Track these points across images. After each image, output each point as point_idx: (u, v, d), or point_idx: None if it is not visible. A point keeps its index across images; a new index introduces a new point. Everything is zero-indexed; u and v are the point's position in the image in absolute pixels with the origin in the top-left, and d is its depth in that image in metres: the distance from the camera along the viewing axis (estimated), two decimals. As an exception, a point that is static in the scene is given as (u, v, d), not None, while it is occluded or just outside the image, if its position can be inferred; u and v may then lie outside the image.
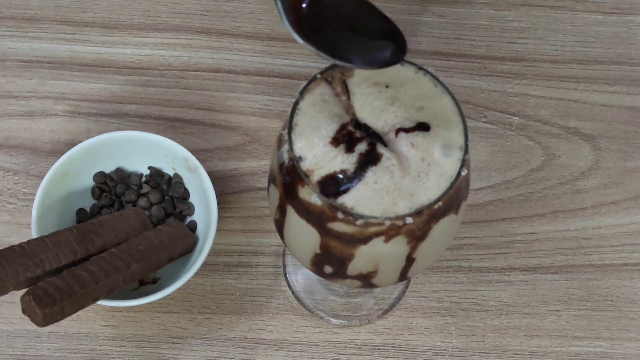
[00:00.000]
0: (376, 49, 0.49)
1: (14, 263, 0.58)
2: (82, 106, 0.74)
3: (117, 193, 0.68)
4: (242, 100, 0.74)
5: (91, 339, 0.67)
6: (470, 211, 0.71)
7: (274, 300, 0.68)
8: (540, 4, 0.79)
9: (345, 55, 0.48)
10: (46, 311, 0.57)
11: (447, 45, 0.77)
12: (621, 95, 0.75)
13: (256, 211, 0.71)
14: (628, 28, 0.78)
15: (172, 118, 0.74)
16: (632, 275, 0.69)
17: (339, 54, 0.48)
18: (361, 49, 0.49)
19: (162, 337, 0.67)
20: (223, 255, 0.69)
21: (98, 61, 0.75)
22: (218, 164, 0.72)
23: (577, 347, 0.67)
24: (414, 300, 0.68)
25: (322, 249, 0.52)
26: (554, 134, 0.74)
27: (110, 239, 0.63)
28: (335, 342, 0.67)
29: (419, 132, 0.50)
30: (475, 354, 0.67)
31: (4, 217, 0.70)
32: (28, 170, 0.72)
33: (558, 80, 0.76)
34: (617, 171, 0.73)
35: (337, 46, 0.48)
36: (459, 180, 0.49)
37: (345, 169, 0.49)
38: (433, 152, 0.50)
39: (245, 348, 0.67)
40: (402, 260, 0.52)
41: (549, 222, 0.71)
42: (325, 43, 0.48)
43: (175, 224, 0.66)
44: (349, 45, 0.49)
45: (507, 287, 0.69)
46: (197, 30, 0.77)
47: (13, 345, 0.66)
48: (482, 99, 0.75)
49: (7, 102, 0.74)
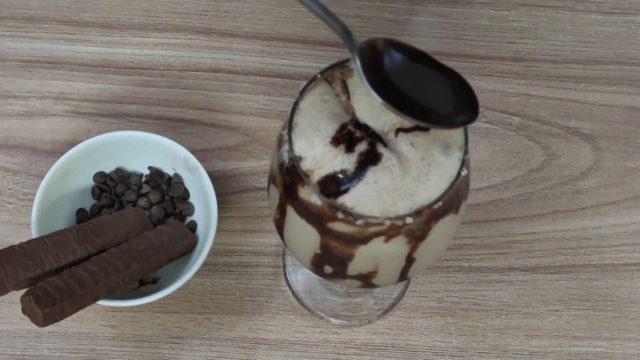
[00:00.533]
0: (450, 107, 0.49)
1: (14, 263, 0.58)
2: (82, 106, 0.74)
3: (117, 193, 0.68)
4: (242, 100, 0.74)
5: (91, 339, 0.67)
6: (470, 211, 0.71)
7: (274, 300, 0.68)
8: (540, 4, 0.79)
9: (424, 116, 0.48)
10: (46, 311, 0.57)
11: (447, 45, 0.77)
12: (621, 95, 0.75)
13: (256, 211, 0.71)
14: (628, 28, 0.78)
15: (172, 118, 0.74)
16: (632, 275, 0.69)
17: (418, 114, 0.48)
18: (436, 107, 0.49)
19: (162, 337, 0.67)
20: (223, 255, 0.69)
21: (98, 61, 0.75)
22: (218, 164, 0.72)
23: (577, 347, 0.67)
24: (414, 300, 0.68)
25: (322, 249, 0.52)
26: (554, 134, 0.74)
27: (110, 239, 0.63)
28: (335, 342, 0.67)
29: (418, 131, 0.50)
30: (475, 354, 0.67)
31: (4, 217, 0.70)
32: (28, 170, 0.72)
33: (558, 80, 0.76)
34: (617, 171, 0.73)
35: (414, 105, 0.48)
36: (459, 180, 0.49)
37: (345, 168, 0.49)
38: (433, 152, 0.50)
39: (245, 348, 0.67)
40: (402, 260, 0.52)
41: (549, 222, 0.71)
42: (403, 102, 0.48)
43: (175, 224, 0.66)
44: (424, 104, 0.49)
45: (507, 287, 0.69)
46: (197, 30, 0.77)
47: (13, 345, 0.66)
48: (482, 99, 0.75)
49: (7, 102, 0.74)
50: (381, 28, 0.77)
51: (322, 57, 0.76)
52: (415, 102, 0.49)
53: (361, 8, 0.78)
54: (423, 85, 0.50)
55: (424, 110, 0.49)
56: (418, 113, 0.48)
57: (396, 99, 0.48)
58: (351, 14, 0.77)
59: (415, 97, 0.49)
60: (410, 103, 0.49)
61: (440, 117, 0.49)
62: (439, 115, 0.49)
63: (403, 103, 0.48)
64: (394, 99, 0.48)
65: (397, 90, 0.49)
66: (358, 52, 0.49)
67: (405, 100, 0.49)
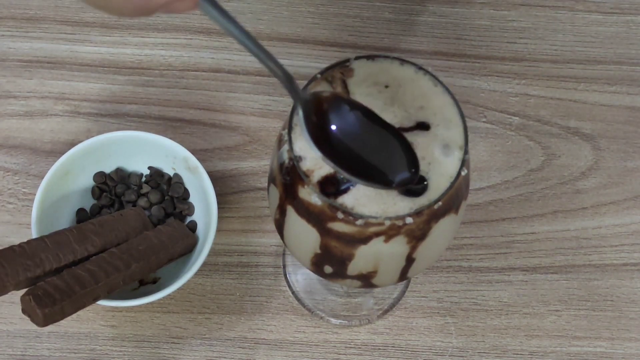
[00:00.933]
0: (392, 166, 0.49)
1: (14, 263, 0.58)
2: (82, 106, 0.74)
3: (117, 193, 0.68)
4: (242, 100, 0.74)
5: (91, 339, 0.67)
6: (470, 211, 0.71)
7: (274, 300, 0.68)
8: (540, 4, 0.79)
9: (363, 175, 0.48)
10: (46, 311, 0.57)
11: (447, 45, 0.77)
12: (621, 95, 0.75)
13: (256, 211, 0.71)
14: (628, 28, 0.78)
15: (172, 118, 0.74)
16: (632, 275, 0.69)
17: (357, 173, 0.48)
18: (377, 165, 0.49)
19: (162, 337, 0.67)
20: (223, 255, 0.69)
21: (98, 61, 0.75)
22: (218, 164, 0.72)
23: (577, 347, 0.67)
24: (414, 300, 0.68)
25: (322, 249, 0.52)
26: (554, 134, 0.74)
27: (110, 239, 0.63)
28: (335, 342, 0.67)
29: (418, 131, 0.50)
30: (475, 354, 0.67)
31: (4, 217, 0.70)
32: (28, 170, 0.72)
33: (558, 80, 0.76)
34: (617, 171, 0.73)
35: (355, 162, 0.48)
36: (459, 180, 0.49)
37: (345, 169, 0.49)
38: (433, 151, 0.50)
39: (245, 348, 0.67)
40: (402, 260, 0.52)
41: (549, 222, 0.71)
42: (343, 158, 0.48)
43: (175, 224, 0.66)
44: (366, 162, 0.49)
45: (507, 287, 0.69)
46: (197, 30, 0.77)
47: (13, 345, 0.66)
48: (482, 99, 0.75)
49: (7, 102, 0.74)
50: (381, 28, 0.77)
51: (322, 57, 0.76)
52: (356, 159, 0.48)
53: (361, 8, 0.78)
54: (366, 143, 0.49)
55: (364, 169, 0.48)
56: (358, 171, 0.48)
57: (337, 154, 0.48)
58: (351, 14, 0.78)
59: (357, 153, 0.48)
60: (351, 160, 0.48)
61: (380, 177, 0.48)
62: (379, 174, 0.48)
63: (343, 159, 0.48)
64: (335, 153, 0.48)
65: (340, 145, 0.48)
66: (302, 102, 0.48)
67: (347, 156, 0.48)
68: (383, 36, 0.77)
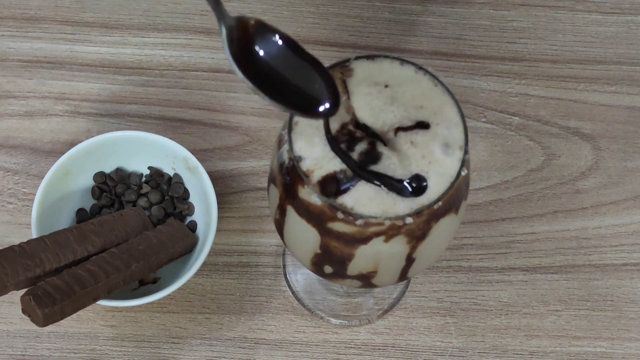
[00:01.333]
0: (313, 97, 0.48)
1: (14, 263, 0.58)
2: (82, 106, 0.74)
3: (117, 193, 0.68)
4: (242, 100, 0.74)
5: (91, 339, 0.67)
6: (470, 211, 0.71)
7: (274, 300, 0.68)
8: (540, 4, 0.79)
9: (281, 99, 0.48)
10: (46, 311, 0.57)
11: (447, 45, 0.77)
12: (621, 95, 0.75)
13: (256, 211, 0.71)
14: (628, 28, 0.78)
15: (172, 118, 0.74)
16: (632, 275, 0.69)
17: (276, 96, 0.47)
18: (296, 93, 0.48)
19: (162, 337, 0.67)
20: (223, 255, 0.69)
21: (98, 61, 0.75)
22: (218, 164, 0.72)
23: (577, 347, 0.67)
24: (414, 300, 0.68)
25: (322, 249, 0.52)
26: (554, 134, 0.74)
27: (110, 239, 0.63)
28: (335, 342, 0.67)
29: (418, 130, 0.50)
30: (475, 354, 0.67)
31: (4, 217, 0.70)
32: (28, 170, 0.72)
33: (558, 80, 0.76)
34: (617, 171, 0.73)
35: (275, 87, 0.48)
36: (459, 180, 0.49)
37: (345, 168, 0.49)
38: (433, 150, 0.50)
39: (245, 348, 0.67)
40: (402, 260, 0.52)
41: (549, 222, 0.71)
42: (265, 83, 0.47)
43: (175, 224, 0.66)
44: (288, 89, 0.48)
45: (507, 287, 0.69)
46: (197, 30, 0.77)
47: (13, 345, 0.66)
48: (482, 99, 0.75)
49: (7, 102, 0.74)
50: (381, 28, 0.77)
51: (322, 57, 0.74)
52: (278, 84, 0.48)
53: (361, 8, 0.78)
54: (289, 72, 0.49)
55: (286, 96, 0.48)
56: (279, 97, 0.48)
57: (260, 80, 0.47)
58: (351, 14, 0.78)
59: (281, 81, 0.48)
60: (273, 85, 0.48)
61: (302, 105, 0.48)
62: (301, 103, 0.48)
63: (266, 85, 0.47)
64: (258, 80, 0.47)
65: (264, 71, 0.48)
66: (225, 24, 0.48)
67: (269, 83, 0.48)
68: (383, 36, 0.77)
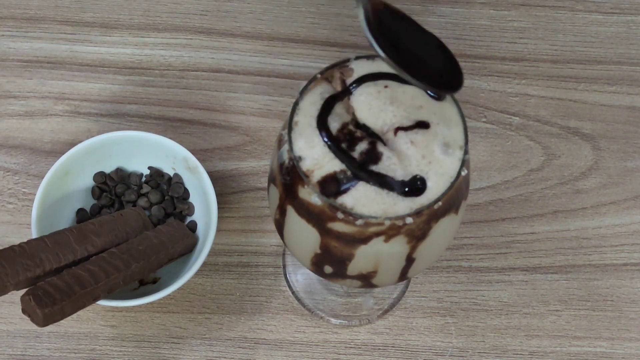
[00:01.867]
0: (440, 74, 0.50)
1: (14, 263, 0.58)
2: (82, 106, 0.74)
3: (117, 193, 0.68)
4: (242, 100, 0.74)
5: (91, 339, 0.67)
6: (470, 211, 0.71)
7: (274, 300, 0.68)
8: (540, 4, 0.79)
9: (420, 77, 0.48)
10: (46, 311, 0.57)
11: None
12: (621, 95, 0.75)
13: (256, 211, 0.71)
14: (628, 28, 0.78)
15: (172, 118, 0.74)
16: (632, 275, 0.69)
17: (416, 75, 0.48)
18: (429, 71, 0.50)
19: (162, 337, 0.67)
20: (223, 255, 0.69)
21: (98, 61, 0.75)
22: (218, 164, 0.72)
23: (577, 347, 0.67)
24: (414, 300, 0.68)
25: (322, 249, 0.52)
26: (554, 134, 0.74)
27: (110, 239, 0.63)
28: (335, 342, 0.67)
29: (418, 129, 0.50)
30: (475, 354, 0.67)
31: (4, 217, 0.70)
32: (28, 170, 0.72)
33: (558, 80, 0.76)
34: (617, 171, 0.73)
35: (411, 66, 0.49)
36: (459, 180, 0.49)
37: (345, 168, 0.49)
38: (433, 150, 0.50)
39: (245, 348, 0.67)
40: (402, 260, 0.52)
41: (549, 222, 0.71)
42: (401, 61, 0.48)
43: (175, 224, 0.66)
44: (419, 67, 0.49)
45: (507, 287, 0.69)
46: (197, 30, 0.77)
47: (13, 345, 0.66)
48: (482, 99, 0.75)
49: (7, 102, 0.74)
50: (381, 28, 0.77)
51: (322, 57, 0.76)
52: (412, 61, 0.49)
53: (361, 8, 0.78)
54: (417, 49, 0.50)
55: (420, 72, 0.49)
56: (416, 73, 0.48)
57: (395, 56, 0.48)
58: (351, 14, 0.77)
59: (412, 58, 0.49)
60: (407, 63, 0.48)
61: (434, 81, 0.49)
62: (433, 80, 0.49)
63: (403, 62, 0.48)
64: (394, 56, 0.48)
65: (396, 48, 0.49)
66: (363, 5, 0.48)
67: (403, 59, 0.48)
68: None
